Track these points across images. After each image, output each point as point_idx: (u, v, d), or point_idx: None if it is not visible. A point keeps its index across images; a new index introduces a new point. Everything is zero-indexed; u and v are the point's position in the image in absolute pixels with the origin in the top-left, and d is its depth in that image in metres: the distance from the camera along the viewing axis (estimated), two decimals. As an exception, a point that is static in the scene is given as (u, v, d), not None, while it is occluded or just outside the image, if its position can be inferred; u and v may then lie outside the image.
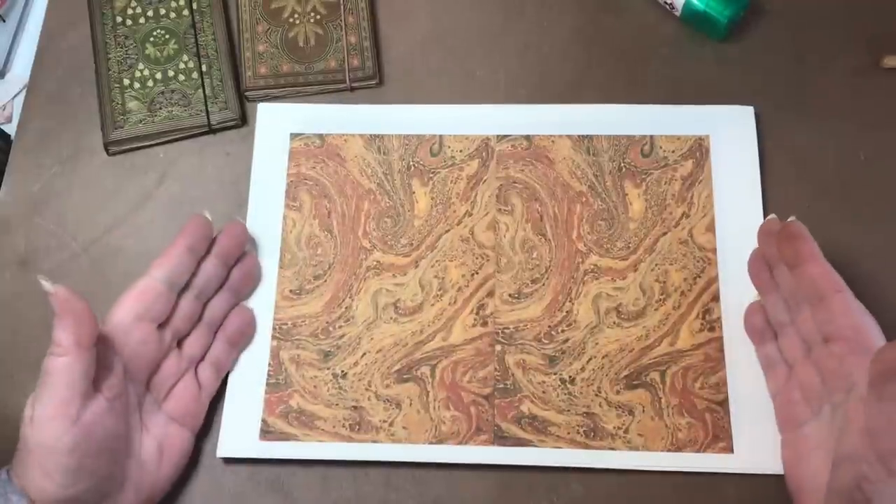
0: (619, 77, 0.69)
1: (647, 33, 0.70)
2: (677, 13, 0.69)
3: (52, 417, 0.48)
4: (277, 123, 0.67)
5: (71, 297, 0.49)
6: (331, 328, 0.61)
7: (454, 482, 0.58)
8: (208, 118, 0.67)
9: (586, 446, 0.58)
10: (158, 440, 0.55)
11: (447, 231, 0.63)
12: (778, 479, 0.56)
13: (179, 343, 0.58)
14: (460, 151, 0.65)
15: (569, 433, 0.58)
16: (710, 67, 0.69)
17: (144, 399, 0.56)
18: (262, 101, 0.69)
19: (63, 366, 0.49)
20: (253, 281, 0.62)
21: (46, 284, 0.49)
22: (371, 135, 0.66)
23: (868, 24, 0.69)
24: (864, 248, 0.62)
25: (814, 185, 0.64)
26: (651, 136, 0.65)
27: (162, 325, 0.56)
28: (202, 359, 0.59)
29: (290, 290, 0.62)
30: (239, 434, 0.59)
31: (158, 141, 0.68)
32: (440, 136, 0.66)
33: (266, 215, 0.64)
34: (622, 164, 0.64)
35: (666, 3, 0.69)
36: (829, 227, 0.63)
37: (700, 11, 0.67)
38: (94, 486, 0.50)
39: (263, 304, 0.62)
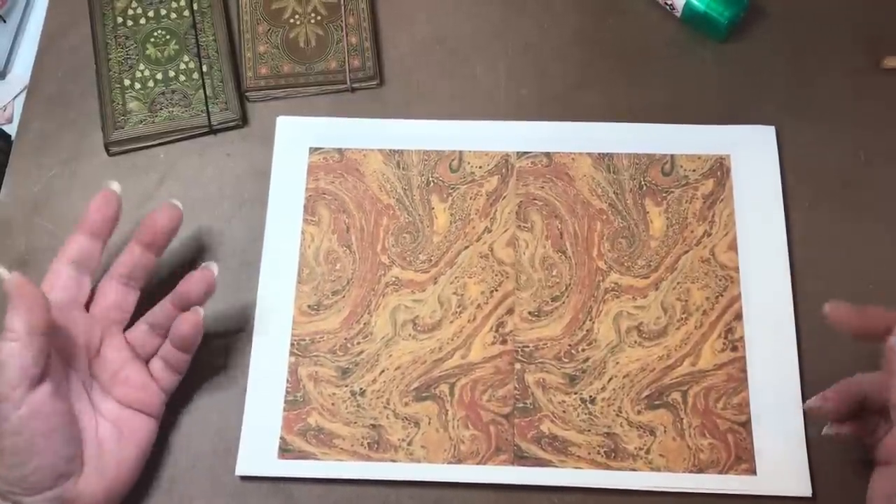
0: (620, 78, 0.69)
1: (647, 34, 0.70)
2: (677, 14, 0.69)
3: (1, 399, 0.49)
4: (296, 137, 0.66)
5: (25, 283, 0.50)
6: (349, 344, 0.61)
7: (454, 485, 0.58)
8: (209, 118, 0.67)
9: (607, 467, 0.57)
10: (114, 423, 0.54)
11: (466, 247, 0.63)
12: (801, 501, 0.56)
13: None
14: (480, 167, 0.65)
15: (589, 453, 0.58)
16: (710, 68, 0.69)
17: (92, 384, 0.55)
18: (262, 101, 0.68)
19: (15, 351, 0.49)
20: (201, 293, 0.57)
21: (1, 271, 0.50)
22: (390, 150, 0.65)
23: (868, 24, 0.70)
24: (865, 248, 0.63)
25: (813, 184, 0.65)
26: (672, 155, 0.65)
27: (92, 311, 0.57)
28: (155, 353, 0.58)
29: (308, 306, 0.61)
30: (257, 452, 0.58)
31: (159, 141, 0.67)
32: (460, 152, 0.65)
33: (284, 229, 0.63)
34: (643, 183, 0.64)
35: (666, 3, 0.70)
36: (829, 227, 0.63)
37: (700, 12, 0.67)
38: (49, 465, 0.50)
39: (281, 319, 0.61)
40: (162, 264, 0.64)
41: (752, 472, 0.57)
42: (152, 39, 0.69)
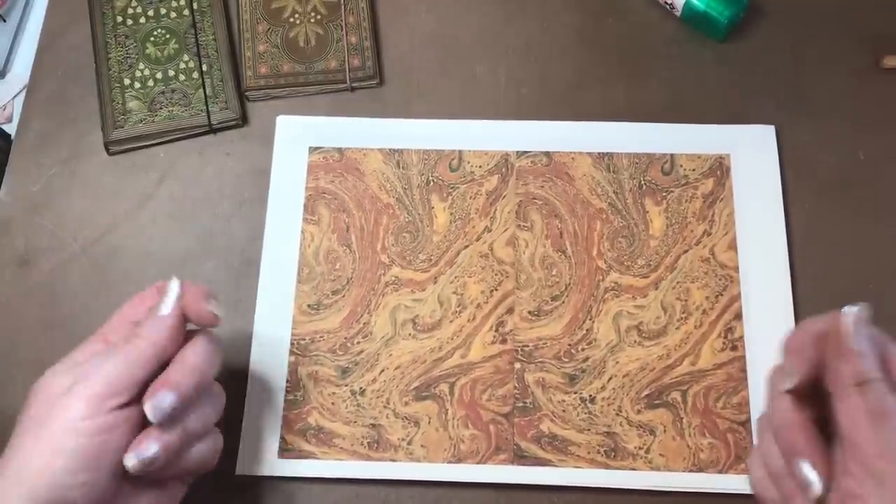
0: (620, 77, 0.69)
1: (647, 33, 0.71)
2: (677, 13, 0.69)
3: (96, 396, 0.46)
4: (296, 136, 0.66)
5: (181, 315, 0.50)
6: (349, 344, 0.61)
7: (454, 485, 0.58)
8: (209, 118, 0.67)
9: (607, 466, 0.57)
10: None
11: (466, 247, 0.63)
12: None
13: None
14: (480, 167, 0.65)
15: (589, 453, 0.58)
16: (710, 68, 0.69)
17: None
18: (262, 100, 0.69)
19: (142, 347, 0.48)
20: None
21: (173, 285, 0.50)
22: (390, 149, 0.65)
23: (868, 24, 0.70)
24: (865, 247, 0.63)
25: (813, 184, 0.65)
26: (671, 155, 0.65)
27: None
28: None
29: (308, 305, 0.61)
30: (257, 452, 0.58)
31: (159, 141, 0.67)
32: (460, 152, 0.65)
33: (284, 229, 0.63)
34: (642, 182, 0.64)
35: (666, 3, 0.70)
36: (829, 227, 0.64)
37: (700, 12, 0.67)
38: (99, 487, 0.46)
39: (281, 318, 0.61)
40: (162, 261, 0.64)
41: (752, 471, 0.57)
42: (152, 38, 0.69)
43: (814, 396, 0.46)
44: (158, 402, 0.47)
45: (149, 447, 0.46)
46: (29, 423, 0.46)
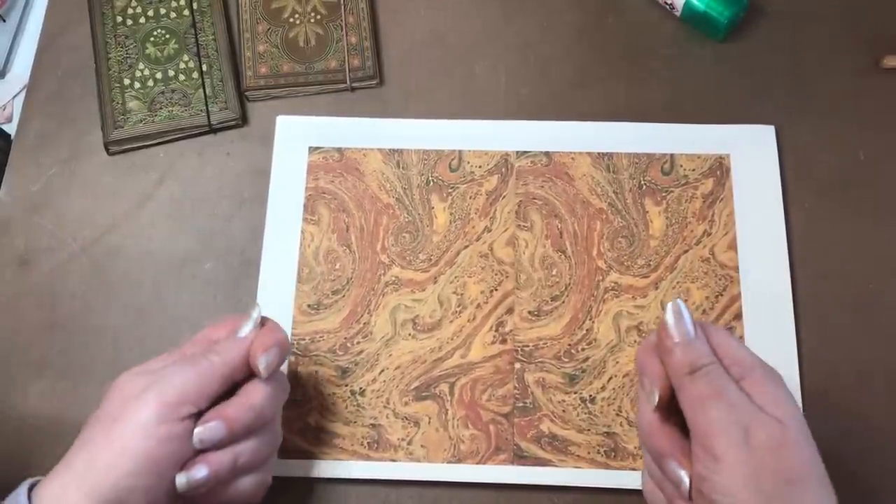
0: (620, 77, 0.69)
1: (647, 33, 0.71)
2: (677, 13, 0.69)
3: (167, 402, 0.46)
4: (296, 136, 0.66)
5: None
6: (349, 344, 0.61)
7: (453, 485, 0.58)
8: (209, 118, 0.67)
9: (607, 466, 0.57)
10: None
11: (466, 247, 0.63)
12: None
13: None
14: (479, 167, 0.65)
15: (589, 453, 0.58)
16: (710, 67, 0.69)
17: None
18: (262, 100, 0.69)
19: (216, 363, 0.49)
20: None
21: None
22: (390, 149, 0.65)
23: (868, 24, 0.70)
24: (865, 247, 0.63)
25: (813, 184, 0.65)
26: (671, 155, 0.65)
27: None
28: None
29: (308, 305, 0.61)
30: (257, 452, 0.58)
31: (158, 141, 0.68)
32: (459, 152, 0.65)
33: (284, 229, 0.63)
34: (642, 182, 0.64)
35: (666, 3, 0.70)
36: (829, 227, 0.64)
37: (700, 12, 0.67)
38: (153, 495, 0.46)
39: (281, 318, 0.61)
40: (162, 261, 0.64)
41: (752, 471, 0.57)
42: (152, 38, 0.69)
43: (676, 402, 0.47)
44: (207, 431, 0.48)
45: (199, 470, 0.47)
46: (101, 420, 0.47)
